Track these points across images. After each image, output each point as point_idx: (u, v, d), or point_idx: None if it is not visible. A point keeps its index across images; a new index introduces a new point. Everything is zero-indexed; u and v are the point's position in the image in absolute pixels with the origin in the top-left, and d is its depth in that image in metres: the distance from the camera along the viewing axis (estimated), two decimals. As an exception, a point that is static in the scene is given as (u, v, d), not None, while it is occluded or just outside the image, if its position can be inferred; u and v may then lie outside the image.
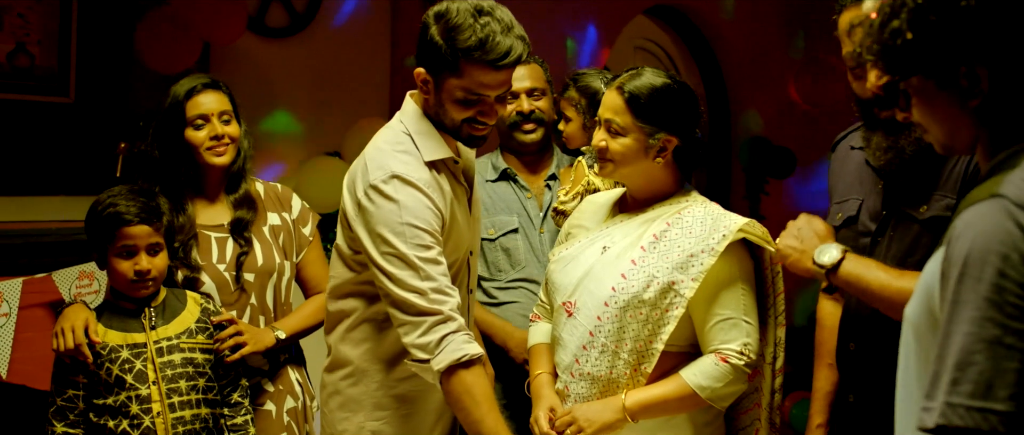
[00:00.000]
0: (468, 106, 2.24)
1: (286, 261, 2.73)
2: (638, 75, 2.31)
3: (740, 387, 2.26)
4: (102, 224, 2.42)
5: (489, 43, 2.14)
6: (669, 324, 2.22)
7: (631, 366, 2.25)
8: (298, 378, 2.76)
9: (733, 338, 2.22)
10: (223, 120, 2.63)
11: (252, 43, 4.11)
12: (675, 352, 2.26)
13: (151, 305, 2.47)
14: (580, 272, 2.33)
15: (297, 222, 2.78)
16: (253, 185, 2.77)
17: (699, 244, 2.22)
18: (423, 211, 2.20)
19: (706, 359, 2.24)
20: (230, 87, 2.71)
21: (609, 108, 2.30)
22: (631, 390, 2.25)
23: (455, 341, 2.16)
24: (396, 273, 2.18)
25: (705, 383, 2.21)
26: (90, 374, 2.40)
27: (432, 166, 2.27)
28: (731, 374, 2.21)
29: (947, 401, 1.23)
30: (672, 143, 2.28)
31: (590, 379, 2.28)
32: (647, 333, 2.24)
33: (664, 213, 2.31)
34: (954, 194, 2.04)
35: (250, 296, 2.65)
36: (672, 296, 2.21)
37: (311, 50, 4.33)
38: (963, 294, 1.26)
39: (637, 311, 2.23)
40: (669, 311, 2.22)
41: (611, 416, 2.24)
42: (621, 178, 2.37)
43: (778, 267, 2.28)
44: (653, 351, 2.24)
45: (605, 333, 2.26)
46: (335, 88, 4.43)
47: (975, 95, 1.39)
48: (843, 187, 2.31)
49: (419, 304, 2.16)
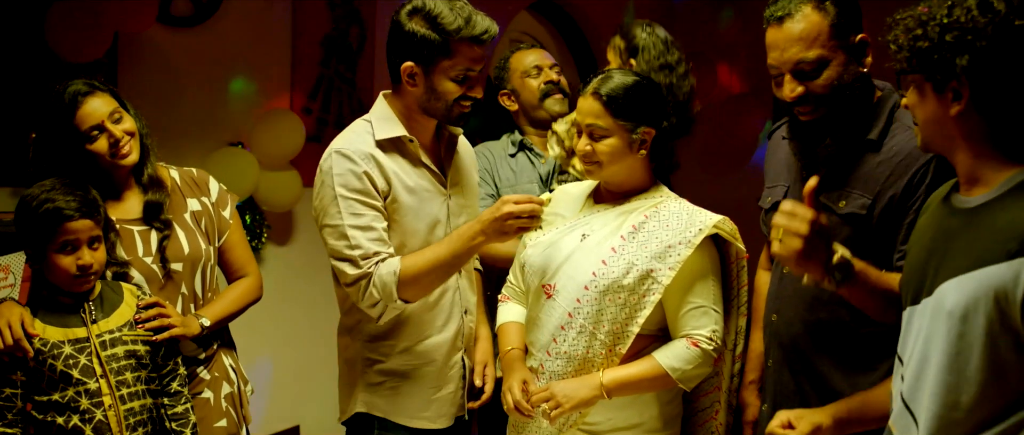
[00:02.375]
0: (461, 83, 2.46)
1: (211, 246, 2.72)
2: (609, 78, 2.44)
3: (706, 370, 2.42)
4: (41, 220, 2.35)
5: (471, 21, 2.42)
6: (645, 309, 2.38)
7: (607, 347, 2.40)
8: (231, 363, 2.77)
9: (704, 325, 2.39)
10: (115, 120, 2.53)
11: (158, 32, 4.02)
12: (645, 335, 2.42)
13: (89, 299, 2.43)
14: (561, 257, 2.46)
15: (217, 205, 2.75)
16: (165, 172, 2.72)
17: (677, 236, 2.38)
18: (351, 179, 2.43)
19: (678, 343, 2.40)
20: (136, 78, 2.65)
21: (589, 114, 2.42)
22: (607, 369, 2.39)
23: (376, 274, 2.41)
24: (332, 244, 2.45)
25: (677, 365, 2.37)
26: (29, 371, 2.35)
27: (385, 145, 2.49)
28: (701, 357, 2.38)
29: None
30: (651, 135, 2.43)
31: (566, 358, 2.41)
32: (624, 316, 2.39)
33: (641, 206, 2.46)
34: (871, 196, 2.26)
35: (180, 285, 2.63)
36: (650, 283, 2.37)
37: (215, 40, 4.27)
38: None
39: (616, 295, 2.38)
40: (646, 297, 2.37)
41: (588, 392, 2.37)
42: (607, 177, 2.49)
43: (743, 261, 2.47)
44: (628, 333, 2.39)
45: (584, 315, 2.40)
46: (238, 78, 4.39)
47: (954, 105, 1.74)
48: (773, 173, 2.55)
49: (350, 273, 2.43)
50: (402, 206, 2.50)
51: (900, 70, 1.84)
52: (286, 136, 4.30)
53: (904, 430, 1.88)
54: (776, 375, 2.44)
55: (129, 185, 2.64)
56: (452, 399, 2.65)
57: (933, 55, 1.73)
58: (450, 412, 2.65)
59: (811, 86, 2.26)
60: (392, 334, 2.57)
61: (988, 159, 1.77)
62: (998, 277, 1.66)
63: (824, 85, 2.26)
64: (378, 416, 2.59)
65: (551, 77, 3.42)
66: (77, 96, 2.50)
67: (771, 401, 2.46)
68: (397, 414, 2.58)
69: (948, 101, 1.75)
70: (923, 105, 1.81)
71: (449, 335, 2.62)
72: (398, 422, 2.59)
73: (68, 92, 2.51)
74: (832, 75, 2.26)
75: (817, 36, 2.24)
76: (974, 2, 1.70)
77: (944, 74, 1.73)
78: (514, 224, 2.35)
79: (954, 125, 1.76)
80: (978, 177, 1.79)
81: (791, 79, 2.28)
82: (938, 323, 1.76)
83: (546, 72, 3.42)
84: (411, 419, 2.59)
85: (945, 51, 1.72)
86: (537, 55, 3.47)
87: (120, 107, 2.57)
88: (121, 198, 2.62)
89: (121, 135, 2.53)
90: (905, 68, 1.81)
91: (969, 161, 1.79)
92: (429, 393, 2.60)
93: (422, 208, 2.54)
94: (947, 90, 1.74)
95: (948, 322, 1.73)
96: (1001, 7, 1.68)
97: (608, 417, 2.43)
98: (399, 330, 2.56)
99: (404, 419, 2.59)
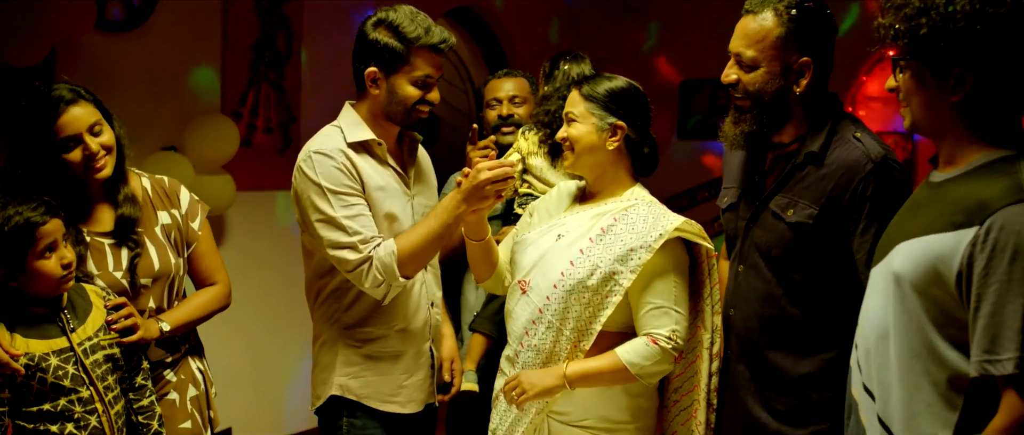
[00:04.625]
0: (419, 87, 2.68)
1: (180, 258, 2.74)
2: (595, 77, 2.65)
3: (666, 367, 2.54)
4: (14, 235, 2.34)
5: (430, 32, 2.66)
6: (607, 309, 2.51)
7: (571, 342, 2.54)
8: (199, 367, 2.81)
9: (664, 324, 2.51)
10: (95, 132, 2.53)
11: (93, 38, 4.02)
12: (612, 334, 2.55)
13: (62, 307, 2.44)
14: (536, 255, 2.62)
15: (186, 217, 2.76)
16: (138, 182, 2.72)
17: (639, 240, 2.51)
18: (335, 174, 2.62)
19: (639, 340, 2.52)
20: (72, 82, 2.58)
21: (569, 103, 2.63)
22: (572, 362, 2.54)
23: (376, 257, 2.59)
24: (328, 236, 2.61)
25: (636, 360, 2.49)
26: (16, 387, 2.36)
27: (356, 147, 2.69)
28: (659, 355, 2.50)
29: (1022, 355, 1.70)
30: (622, 129, 2.58)
31: (536, 350, 2.56)
32: (588, 315, 2.53)
33: (613, 209, 2.60)
34: (817, 205, 2.40)
35: (148, 299, 2.65)
36: (612, 284, 2.50)
37: (148, 45, 4.29)
38: (1015, 276, 1.72)
39: (581, 295, 2.52)
40: (608, 297, 2.51)
41: (552, 382, 2.52)
42: (581, 167, 2.64)
43: (713, 260, 2.62)
44: (592, 331, 2.53)
45: (552, 311, 2.54)
46: (170, 83, 4.41)
47: (957, 93, 1.86)
48: (729, 175, 2.71)
49: (352, 259, 2.60)
50: (373, 204, 2.67)
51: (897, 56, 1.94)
52: (220, 141, 4.35)
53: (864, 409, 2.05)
54: (733, 365, 2.60)
55: (101, 197, 2.63)
56: (421, 385, 2.82)
57: (938, 42, 1.84)
58: (419, 397, 2.82)
59: (742, 79, 2.46)
60: (367, 321, 2.73)
61: (965, 140, 1.91)
62: (941, 244, 1.82)
63: (749, 83, 2.45)
64: (351, 400, 2.73)
65: (502, 112, 3.64)
66: (60, 103, 2.49)
67: (728, 388, 2.62)
68: (370, 398, 2.73)
69: (949, 87, 1.86)
70: (921, 91, 1.92)
71: (419, 325, 2.79)
72: (371, 406, 2.73)
73: (52, 96, 2.50)
74: (757, 79, 2.43)
75: (761, 40, 2.41)
76: None
77: (948, 61, 1.84)
78: (491, 188, 2.55)
79: (950, 110, 1.89)
80: (952, 155, 1.94)
81: (733, 64, 2.48)
82: (886, 281, 1.93)
83: (502, 105, 3.64)
84: (383, 403, 2.74)
85: (950, 38, 1.82)
86: (505, 86, 3.69)
87: (103, 118, 2.56)
88: (93, 209, 2.62)
89: (97, 149, 2.52)
90: (903, 53, 1.92)
91: (948, 139, 1.94)
92: (401, 379, 2.76)
93: (386, 205, 2.71)
94: (949, 77, 1.86)
95: (893, 281, 1.90)
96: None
97: (577, 407, 2.56)
98: (373, 318, 2.72)
99: (377, 403, 2.74)
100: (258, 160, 4.88)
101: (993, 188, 1.81)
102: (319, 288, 2.78)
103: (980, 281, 1.77)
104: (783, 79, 2.43)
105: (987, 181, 1.84)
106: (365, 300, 2.72)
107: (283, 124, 5.02)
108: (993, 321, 1.75)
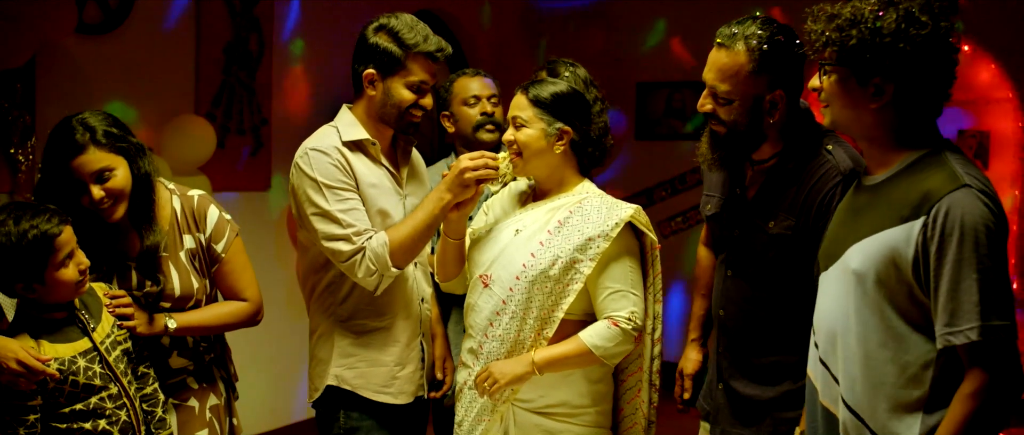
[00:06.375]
0: (413, 91, 2.83)
1: (204, 280, 2.76)
2: (539, 81, 2.79)
3: (628, 347, 2.70)
4: (32, 249, 2.35)
5: (428, 40, 2.82)
6: (569, 296, 2.67)
7: (535, 331, 2.69)
8: (223, 376, 2.89)
9: (622, 306, 2.67)
10: (103, 179, 2.52)
11: (71, 40, 4.11)
12: (573, 321, 2.71)
13: (76, 309, 2.48)
14: (496, 250, 2.76)
15: (211, 238, 2.76)
16: (168, 205, 2.73)
17: (596, 229, 2.66)
18: (330, 169, 2.76)
19: (600, 324, 2.68)
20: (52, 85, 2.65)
21: (515, 107, 2.76)
22: (539, 349, 2.68)
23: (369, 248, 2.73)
24: (323, 229, 2.74)
25: (599, 343, 2.65)
26: (48, 392, 2.41)
27: (351, 146, 2.83)
28: (620, 336, 2.66)
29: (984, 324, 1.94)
30: (568, 133, 2.73)
31: (500, 340, 2.71)
32: (550, 303, 2.68)
33: (567, 202, 2.75)
34: (795, 217, 2.54)
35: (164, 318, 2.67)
36: (573, 273, 2.66)
37: (123, 47, 4.38)
38: (965, 254, 1.96)
39: (543, 285, 2.67)
40: (570, 285, 2.67)
41: (522, 369, 2.67)
42: (532, 170, 2.78)
43: (656, 251, 2.78)
44: (554, 319, 2.69)
45: (515, 302, 2.69)
46: (146, 85, 4.50)
47: (876, 100, 2.12)
48: (711, 184, 2.86)
49: (346, 250, 2.74)
50: (366, 200, 2.82)
51: (824, 61, 2.15)
52: (198, 142, 4.43)
53: (826, 387, 2.26)
54: (724, 359, 2.78)
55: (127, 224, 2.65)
56: (412, 378, 2.96)
57: (865, 54, 2.07)
58: (410, 390, 2.96)
59: (718, 110, 2.57)
60: (361, 314, 2.87)
61: (889, 145, 2.16)
62: (893, 238, 2.06)
63: (724, 114, 2.55)
64: (347, 391, 2.86)
65: (486, 108, 3.60)
66: (70, 147, 2.50)
67: (717, 376, 2.80)
68: (364, 389, 2.87)
69: (869, 94, 2.10)
70: (843, 95, 2.15)
71: (410, 318, 2.94)
72: (365, 396, 2.86)
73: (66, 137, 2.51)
74: (732, 112, 2.53)
75: (734, 75, 2.49)
76: (903, 12, 2.05)
77: (872, 71, 2.08)
78: (472, 176, 2.71)
79: (870, 115, 2.13)
80: (881, 159, 2.18)
81: (708, 94, 2.58)
82: (845, 282, 2.16)
83: (483, 103, 3.60)
84: (376, 393, 2.88)
85: (875, 51, 2.06)
86: (479, 84, 3.64)
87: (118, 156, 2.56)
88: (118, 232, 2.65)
89: (99, 197, 2.51)
90: (831, 59, 2.14)
91: (874, 145, 2.18)
92: (394, 370, 2.90)
93: (379, 202, 2.85)
94: (870, 85, 2.10)
95: (853, 279, 2.13)
96: (925, 19, 2.05)
97: (540, 394, 2.71)
98: (367, 311, 2.86)
99: (370, 393, 2.87)
100: (231, 162, 4.96)
101: (932, 180, 2.04)
102: (314, 283, 2.92)
103: (936, 263, 2.00)
104: (757, 112, 2.53)
105: (924, 175, 2.07)
106: (359, 293, 2.85)
107: (254, 126, 5.10)
108: (951, 297, 1.98)
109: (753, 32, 2.48)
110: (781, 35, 2.50)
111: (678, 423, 3.48)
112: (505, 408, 2.73)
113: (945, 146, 2.14)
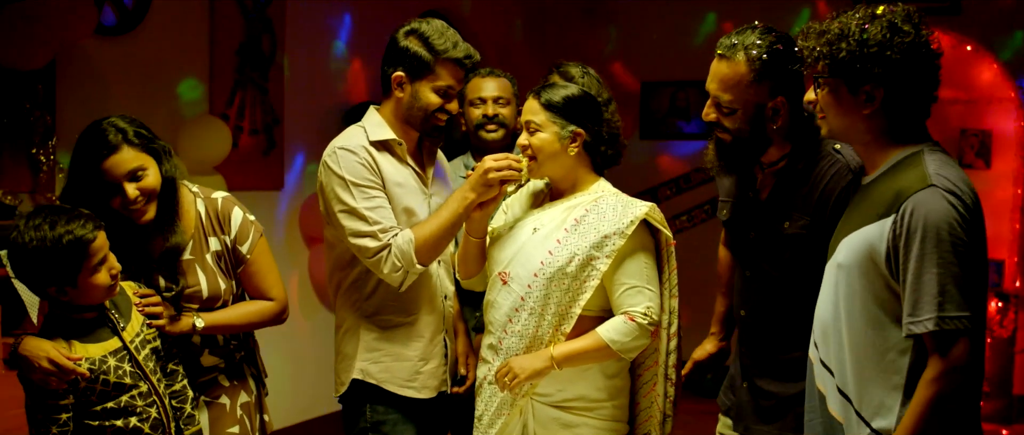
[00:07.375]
0: (440, 95, 2.89)
1: (231, 280, 2.79)
2: (550, 85, 2.85)
3: (644, 342, 2.75)
4: (67, 253, 2.37)
5: (458, 46, 2.88)
6: (586, 292, 2.73)
7: (553, 326, 2.75)
8: (253, 373, 2.93)
9: (638, 302, 2.73)
10: (137, 177, 2.54)
11: (90, 42, 4.16)
12: (590, 317, 2.76)
13: (106, 309, 2.51)
14: (515, 248, 2.82)
15: (236, 241, 2.78)
16: (193, 209, 2.76)
17: (612, 227, 2.73)
18: (357, 168, 2.83)
19: (617, 319, 2.74)
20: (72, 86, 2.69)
21: (528, 111, 2.81)
22: (557, 344, 2.74)
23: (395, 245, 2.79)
24: (350, 226, 2.80)
25: (616, 338, 2.71)
26: (80, 392, 2.44)
27: (378, 145, 2.90)
28: (637, 330, 2.71)
29: (940, 314, 2.08)
30: (581, 135, 2.79)
31: (519, 336, 2.77)
32: (568, 300, 2.74)
33: (583, 201, 2.81)
34: (809, 217, 2.60)
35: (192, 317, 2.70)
36: (590, 270, 2.72)
37: (139, 49, 4.43)
38: (927, 250, 2.11)
39: (561, 281, 2.73)
40: (586, 282, 2.73)
41: (541, 364, 2.72)
42: (547, 172, 2.84)
43: (671, 247, 2.84)
44: (572, 315, 2.74)
45: (533, 298, 2.75)
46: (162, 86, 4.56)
47: (867, 106, 2.26)
48: (724, 189, 2.93)
49: (372, 246, 2.80)
50: (392, 198, 2.88)
51: (817, 73, 2.30)
52: (213, 142, 4.48)
53: (821, 372, 2.39)
54: (747, 358, 2.84)
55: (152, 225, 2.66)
56: (436, 373, 3.01)
57: (854, 64, 2.22)
58: (433, 384, 3.01)
59: (722, 120, 2.64)
60: (386, 309, 2.93)
61: (882, 146, 2.30)
62: (871, 234, 2.21)
63: (729, 123, 2.62)
64: (372, 384, 2.92)
65: (487, 111, 3.65)
66: (103, 147, 2.51)
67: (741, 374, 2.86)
68: (388, 383, 2.92)
69: (861, 101, 2.25)
70: (837, 104, 2.30)
71: (433, 314, 3.00)
72: (389, 390, 2.92)
73: (99, 138, 2.53)
74: (736, 121, 2.60)
75: (735, 84, 2.56)
76: (887, 24, 2.20)
77: (862, 79, 2.23)
78: (496, 177, 2.77)
79: (863, 120, 2.27)
80: (874, 161, 2.32)
81: (711, 104, 2.65)
82: (834, 274, 2.31)
83: (487, 106, 3.66)
84: (401, 388, 2.93)
85: (864, 61, 2.21)
86: (487, 85, 3.69)
87: (149, 158, 2.59)
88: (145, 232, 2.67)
89: (135, 196, 2.54)
90: (823, 71, 2.28)
91: (869, 148, 2.33)
92: (418, 365, 2.96)
93: (405, 200, 2.92)
94: (861, 92, 2.24)
95: (839, 272, 2.28)
96: (908, 29, 2.20)
97: (559, 388, 2.76)
98: (392, 306, 2.92)
99: (395, 387, 2.93)
100: (244, 162, 5.01)
101: (904, 180, 2.20)
102: (340, 279, 2.98)
103: (903, 258, 2.15)
104: (760, 120, 2.59)
105: (900, 175, 2.23)
106: (384, 289, 2.90)
107: (267, 126, 5.16)
108: (914, 289, 2.13)
109: (752, 42, 2.54)
110: (780, 43, 2.56)
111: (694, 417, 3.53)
112: (524, 402, 2.79)
113: (927, 146, 2.27)
